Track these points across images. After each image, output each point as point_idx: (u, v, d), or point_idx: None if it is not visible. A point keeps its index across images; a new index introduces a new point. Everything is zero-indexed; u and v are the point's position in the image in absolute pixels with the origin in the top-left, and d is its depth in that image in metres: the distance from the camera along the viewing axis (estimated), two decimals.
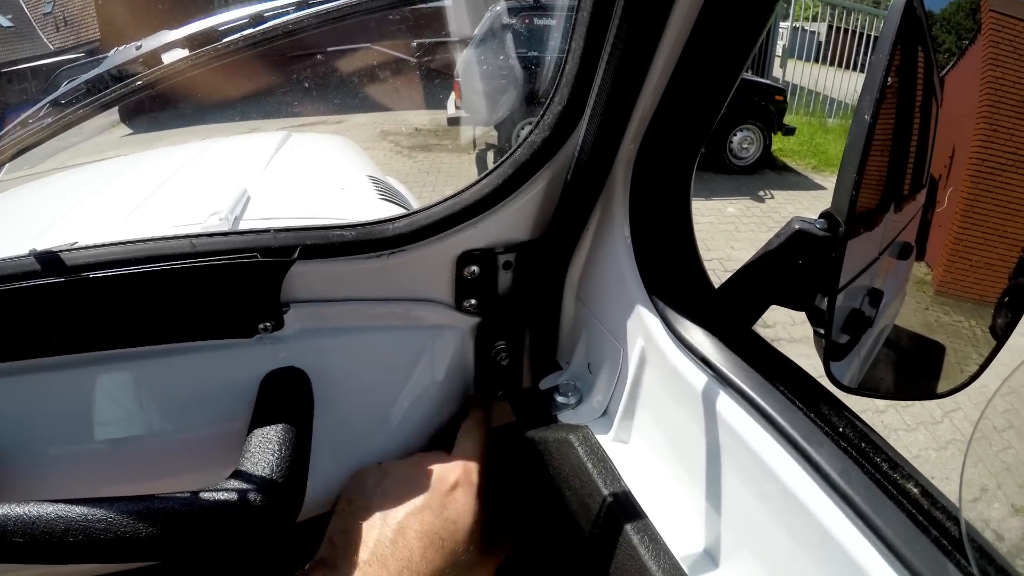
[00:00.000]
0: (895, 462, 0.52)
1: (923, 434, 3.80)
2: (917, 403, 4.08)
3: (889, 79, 0.59)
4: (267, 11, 0.70)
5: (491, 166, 0.77)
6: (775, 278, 0.67)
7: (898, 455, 0.53)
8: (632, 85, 0.66)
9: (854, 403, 0.61)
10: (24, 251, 0.70)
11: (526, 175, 0.76)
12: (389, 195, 1.91)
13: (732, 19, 0.62)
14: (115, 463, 0.79)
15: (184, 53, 0.70)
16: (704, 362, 0.65)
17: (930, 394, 0.71)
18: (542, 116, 0.74)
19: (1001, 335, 0.67)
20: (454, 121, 8.01)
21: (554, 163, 0.76)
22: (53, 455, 0.76)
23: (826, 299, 0.62)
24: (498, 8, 1.05)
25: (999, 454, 3.55)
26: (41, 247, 0.70)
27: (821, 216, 0.63)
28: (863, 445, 0.53)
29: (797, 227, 0.64)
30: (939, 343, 0.74)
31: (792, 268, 0.65)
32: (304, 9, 0.69)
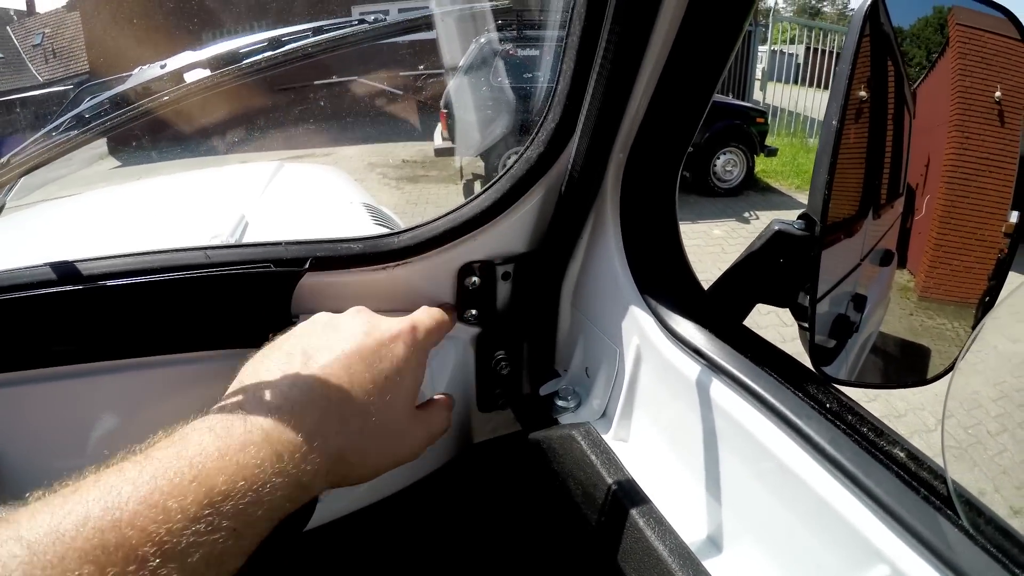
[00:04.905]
0: (880, 430, 0.55)
1: (918, 442, 3.84)
2: (911, 413, 4.13)
3: (855, 88, 0.62)
4: (284, 36, 0.74)
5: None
6: (759, 278, 0.70)
7: (883, 424, 0.56)
8: (620, 99, 0.70)
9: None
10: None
11: (523, 189, 0.80)
12: (383, 222, 1.95)
13: (707, 35, 0.67)
14: None
15: (206, 73, 0.73)
16: (697, 353, 0.68)
17: (918, 382, 0.72)
18: (536, 133, 0.78)
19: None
20: (441, 152, 8.05)
21: (549, 176, 0.79)
22: (62, 466, 0.77)
23: (808, 296, 0.65)
24: (483, 40, 1.09)
25: (994, 458, 3.58)
26: None
27: (799, 217, 0.65)
28: (849, 417, 0.56)
29: (777, 228, 0.67)
30: (924, 346, 0.75)
31: (774, 267, 0.68)
32: (320, 35, 0.73)
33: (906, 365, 0.79)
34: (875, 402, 4.07)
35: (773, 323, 4.21)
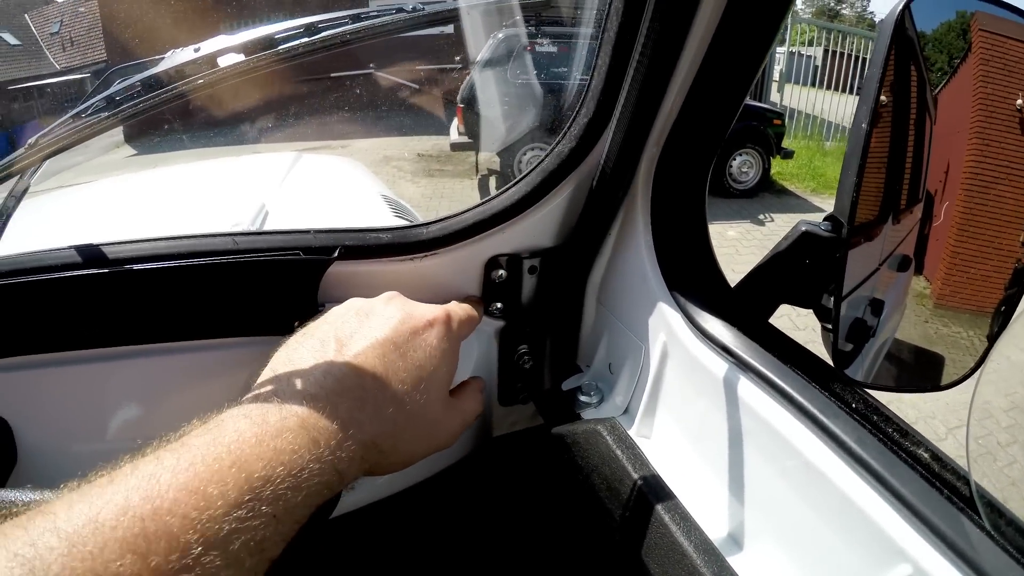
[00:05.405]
0: (905, 430, 0.55)
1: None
2: (921, 422, 4.11)
3: (883, 93, 0.62)
4: (321, 22, 0.74)
5: (492, 190, 0.79)
6: (784, 278, 0.71)
7: (907, 424, 0.56)
8: (656, 95, 0.70)
9: None
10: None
11: (553, 183, 0.80)
12: (402, 213, 1.96)
13: (745, 33, 0.67)
14: None
15: (240, 57, 0.73)
16: (725, 350, 0.68)
17: (932, 387, 0.72)
18: (569, 127, 0.78)
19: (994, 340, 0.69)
20: (457, 147, 8.07)
21: (580, 171, 0.80)
22: (83, 450, 0.78)
23: (832, 297, 0.65)
24: (500, 36, 1.09)
25: (1004, 469, 3.54)
26: None
27: (826, 219, 0.66)
28: (875, 417, 0.57)
29: (804, 229, 0.68)
30: (939, 354, 0.75)
31: (800, 268, 0.68)
32: (358, 22, 0.73)
33: (920, 372, 0.79)
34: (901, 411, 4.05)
35: (785, 327, 4.20)
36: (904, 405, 4.11)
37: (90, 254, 0.72)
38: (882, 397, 0.70)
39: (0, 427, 0.73)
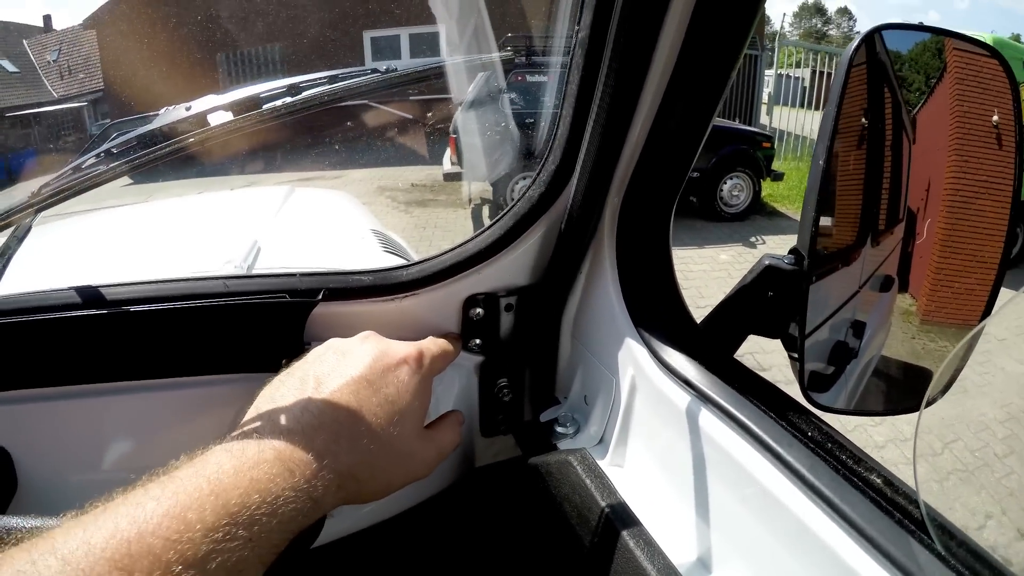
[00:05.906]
0: (859, 457, 0.57)
1: (923, 466, 3.80)
2: (917, 436, 4.08)
3: (855, 119, 0.65)
4: (302, 83, 0.79)
5: (485, 219, 0.83)
6: (750, 310, 0.74)
7: (862, 451, 0.58)
8: (615, 146, 0.75)
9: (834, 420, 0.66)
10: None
11: (525, 226, 0.84)
12: (392, 248, 1.99)
13: (695, 94, 0.71)
14: None
15: (228, 116, 0.78)
16: (687, 384, 0.71)
17: (917, 407, 0.71)
18: (538, 174, 0.83)
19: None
20: (450, 176, 8.10)
21: (549, 215, 0.84)
22: (80, 479, 0.82)
23: (798, 328, 0.68)
24: (489, 73, 1.14)
25: (1002, 480, 3.54)
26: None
27: (790, 252, 0.69)
28: (829, 445, 0.59)
29: (767, 263, 0.71)
30: (926, 368, 0.78)
31: (764, 300, 0.71)
32: (336, 83, 0.78)
33: (908, 388, 0.81)
34: (882, 425, 4.06)
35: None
36: (899, 420, 4.12)
37: (89, 295, 0.76)
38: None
39: (1, 456, 0.77)
